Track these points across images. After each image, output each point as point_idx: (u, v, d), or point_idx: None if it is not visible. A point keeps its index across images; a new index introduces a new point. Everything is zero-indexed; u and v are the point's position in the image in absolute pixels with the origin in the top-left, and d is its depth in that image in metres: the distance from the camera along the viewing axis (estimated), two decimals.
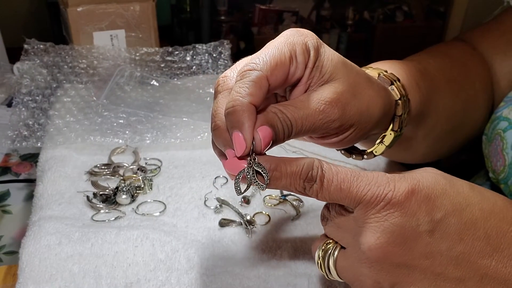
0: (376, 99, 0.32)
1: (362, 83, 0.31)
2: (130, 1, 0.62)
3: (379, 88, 0.32)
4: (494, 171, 0.45)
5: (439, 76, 0.42)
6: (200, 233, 0.38)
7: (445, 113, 0.42)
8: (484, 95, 0.48)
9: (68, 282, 0.33)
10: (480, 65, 0.48)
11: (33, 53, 0.58)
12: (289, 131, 0.28)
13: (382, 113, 0.32)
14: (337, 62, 0.30)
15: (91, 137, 0.48)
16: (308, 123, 0.28)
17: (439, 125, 0.42)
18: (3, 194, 0.50)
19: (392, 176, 0.27)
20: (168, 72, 0.62)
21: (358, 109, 0.30)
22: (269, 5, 2.01)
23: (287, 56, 0.28)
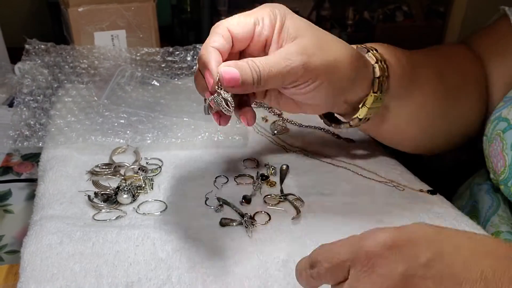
0: (344, 54, 0.36)
1: (329, 40, 0.36)
2: (131, 2, 0.62)
3: (349, 49, 0.37)
4: (495, 172, 0.45)
5: (427, 62, 0.45)
6: (200, 232, 0.39)
7: (431, 95, 0.45)
8: (477, 92, 0.50)
9: (70, 281, 0.33)
10: (475, 65, 0.50)
11: (34, 53, 0.58)
12: (257, 75, 0.33)
13: (351, 69, 0.36)
14: (303, 24, 0.35)
15: (92, 137, 0.48)
16: (275, 69, 0.33)
17: (428, 106, 0.45)
18: (5, 194, 0.50)
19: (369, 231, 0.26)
20: (169, 72, 0.62)
21: (324, 60, 0.34)
22: None
23: (252, 17, 0.35)
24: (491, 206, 0.51)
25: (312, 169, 0.48)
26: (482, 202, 0.52)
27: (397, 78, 0.41)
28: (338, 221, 0.41)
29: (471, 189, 0.56)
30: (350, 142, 0.54)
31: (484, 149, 0.47)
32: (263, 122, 0.57)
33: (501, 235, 0.47)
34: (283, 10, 0.36)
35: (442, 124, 0.49)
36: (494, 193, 0.53)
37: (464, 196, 0.57)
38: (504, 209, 0.50)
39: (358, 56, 0.37)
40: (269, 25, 0.35)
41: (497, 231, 0.48)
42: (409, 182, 0.48)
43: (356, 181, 0.47)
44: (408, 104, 0.43)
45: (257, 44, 0.36)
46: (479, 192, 0.54)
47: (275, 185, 0.45)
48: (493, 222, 0.49)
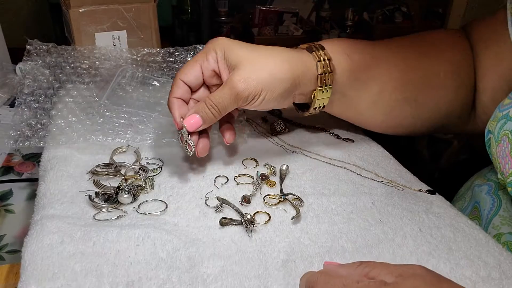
0: (278, 66, 0.43)
1: (264, 59, 0.43)
2: (131, 2, 0.63)
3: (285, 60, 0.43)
4: (503, 173, 0.45)
5: (389, 54, 0.50)
6: (201, 232, 0.39)
7: (391, 84, 0.49)
8: (457, 81, 0.51)
9: (70, 280, 0.33)
10: (462, 53, 0.52)
11: (35, 54, 0.59)
12: (216, 110, 0.42)
13: (291, 77, 0.43)
14: (241, 53, 0.42)
15: (93, 137, 0.48)
16: (225, 99, 0.41)
17: (387, 93, 0.50)
18: (6, 194, 0.50)
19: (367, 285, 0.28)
20: (169, 72, 0.62)
21: (260, 78, 0.42)
22: (269, 6, 2.01)
23: (197, 64, 0.43)
24: (492, 207, 0.51)
25: (312, 169, 0.48)
26: (483, 203, 0.52)
27: (346, 72, 0.47)
28: (337, 221, 0.41)
29: (472, 190, 0.56)
30: (350, 142, 0.54)
31: (489, 147, 0.47)
32: (263, 122, 0.57)
33: (502, 237, 0.47)
34: (222, 44, 0.43)
35: (410, 110, 0.51)
36: (495, 193, 0.53)
37: (465, 197, 0.57)
38: (506, 209, 0.50)
39: (296, 61, 0.44)
40: (213, 61, 0.43)
41: (498, 233, 0.48)
42: (409, 182, 0.48)
43: (355, 181, 0.47)
44: (364, 93, 0.49)
45: (209, 75, 0.44)
46: (480, 193, 0.54)
47: (275, 185, 0.45)
48: (495, 224, 0.49)
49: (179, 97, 0.44)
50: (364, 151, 0.53)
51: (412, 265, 0.30)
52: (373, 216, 0.42)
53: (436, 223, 0.42)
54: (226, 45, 0.43)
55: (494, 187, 0.53)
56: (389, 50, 0.50)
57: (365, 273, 0.30)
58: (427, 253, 0.38)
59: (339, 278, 0.30)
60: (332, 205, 0.43)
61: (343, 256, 0.37)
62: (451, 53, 0.52)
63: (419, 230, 0.41)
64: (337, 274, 0.31)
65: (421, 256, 0.38)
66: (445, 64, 0.51)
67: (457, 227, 0.41)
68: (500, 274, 0.36)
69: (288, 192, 0.44)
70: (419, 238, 0.40)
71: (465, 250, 0.39)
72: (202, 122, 0.42)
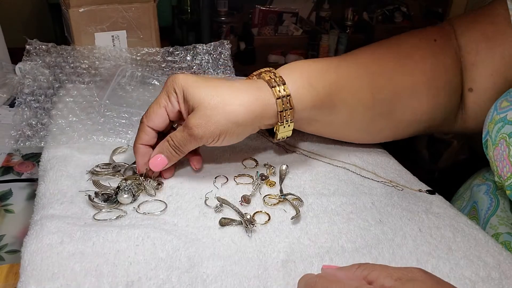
0: (238, 109, 0.41)
1: (221, 104, 0.41)
2: (131, 2, 0.63)
3: (245, 101, 0.42)
4: (500, 176, 0.45)
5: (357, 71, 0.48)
6: (200, 232, 0.39)
7: (361, 104, 0.48)
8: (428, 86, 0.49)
9: (70, 280, 0.33)
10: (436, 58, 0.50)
11: (35, 54, 0.59)
12: (177, 150, 0.43)
13: (249, 118, 0.42)
14: (198, 94, 0.41)
15: (94, 136, 0.48)
16: (186, 142, 0.42)
17: (359, 113, 0.48)
18: (6, 193, 0.50)
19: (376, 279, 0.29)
20: (169, 72, 0.62)
21: (217, 124, 0.41)
22: (269, 6, 2.01)
23: (161, 106, 0.43)
24: (490, 207, 0.51)
25: (312, 169, 0.48)
26: (481, 203, 0.52)
27: (309, 104, 0.45)
28: (337, 221, 0.41)
29: (471, 190, 0.56)
30: (349, 142, 0.54)
31: (487, 148, 0.47)
32: None
33: (500, 237, 0.47)
34: (180, 84, 0.42)
35: (385, 122, 0.50)
36: (493, 193, 0.53)
37: (464, 197, 0.57)
38: (503, 209, 0.50)
39: (256, 103, 0.42)
40: (175, 102, 0.43)
41: (496, 233, 0.48)
42: (408, 182, 0.48)
43: (355, 181, 0.47)
44: (335, 117, 0.48)
45: (175, 116, 0.44)
46: (478, 193, 0.54)
47: (275, 185, 0.45)
48: (492, 224, 0.49)
49: (145, 144, 0.44)
50: (364, 151, 0.53)
51: (412, 268, 0.30)
52: (372, 216, 0.42)
53: (435, 223, 0.42)
54: (185, 85, 0.42)
55: (492, 187, 0.53)
56: (355, 69, 0.48)
57: (363, 276, 0.30)
58: (427, 253, 0.38)
59: (338, 282, 0.30)
60: (332, 205, 0.43)
61: (343, 256, 0.37)
62: (423, 63, 0.50)
63: (418, 230, 0.41)
64: (336, 278, 0.30)
65: (421, 256, 0.38)
66: (418, 75, 0.49)
67: (457, 227, 0.41)
68: (499, 274, 0.36)
69: (288, 192, 0.44)
70: (418, 238, 0.40)
71: (464, 250, 0.39)
72: (167, 161, 0.43)
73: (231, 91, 0.42)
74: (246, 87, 0.43)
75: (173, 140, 0.42)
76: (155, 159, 0.43)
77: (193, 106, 0.41)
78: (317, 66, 0.47)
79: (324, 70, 0.46)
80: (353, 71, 0.48)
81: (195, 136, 0.41)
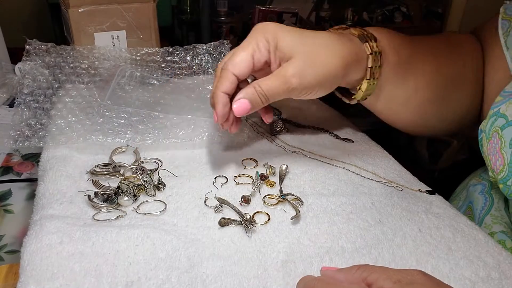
0: (335, 63, 0.41)
1: (321, 54, 0.41)
2: (131, 2, 0.62)
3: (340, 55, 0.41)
4: (493, 171, 0.45)
5: (425, 51, 0.49)
6: (200, 232, 0.39)
7: (425, 81, 0.49)
8: (475, 82, 0.52)
9: (69, 280, 0.33)
10: (476, 55, 0.53)
11: (34, 54, 0.59)
12: (264, 97, 0.40)
13: (343, 70, 0.42)
14: (295, 43, 0.40)
15: (93, 137, 0.48)
16: (277, 91, 0.40)
17: (420, 92, 0.49)
18: (5, 194, 0.50)
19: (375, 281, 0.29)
20: (168, 72, 0.62)
21: (314, 76, 0.40)
22: (269, 6, 2.01)
23: (249, 54, 0.41)
24: (484, 207, 0.51)
25: (311, 169, 0.48)
26: (476, 202, 0.52)
27: (391, 66, 0.46)
28: (337, 221, 0.41)
29: (467, 190, 0.56)
30: (349, 142, 0.54)
31: (481, 145, 0.47)
32: (263, 122, 0.57)
33: (494, 236, 0.47)
34: (273, 32, 0.41)
35: (436, 110, 0.51)
36: (488, 192, 0.53)
37: (461, 196, 0.57)
38: (497, 208, 0.50)
39: (350, 55, 0.42)
40: (265, 51, 0.41)
41: (490, 232, 0.48)
42: (408, 182, 0.48)
43: (355, 181, 0.47)
44: (401, 89, 0.48)
45: (259, 66, 0.42)
46: (474, 193, 0.54)
47: (275, 185, 0.45)
48: (487, 223, 0.50)
49: (226, 92, 0.41)
50: (364, 151, 0.53)
51: (411, 271, 0.29)
52: (372, 217, 0.42)
53: (435, 224, 0.42)
54: (278, 33, 0.40)
55: (487, 186, 0.53)
56: (424, 46, 0.50)
57: (363, 278, 0.30)
58: (427, 254, 0.38)
59: (337, 285, 0.30)
60: (332, 205, 0.43)
61: (343, 257, 0.37)
62: (472, 56, 0.52)
63: (418, 230, 0.41)
64: (335, 280, 0.30)
65: (421, 256, 0.38)
66: (469, 66, 0.51)
67: (457, 227, 0.41)
68: (499, 274, 0.36)
69: (288, 192, 0.44)
70: (418, 239, 0.40)
71: (464, 250, 0.39)
72: (250, 107, 0.40)
73: (325, 40, 0.42)
74: (339, 38, 0.42)
75: (261, 87, 0.40)
76: (239, 103, 0.40)
77: (289, 55, 0.40)
78: (398, 35, 0.48)
79: (403, 41, 0.48)
80: (421, 48, 0.49)
81: (290, 86, 0.40)
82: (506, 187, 0.43)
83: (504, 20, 0.51)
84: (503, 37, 0.51)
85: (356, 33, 0.44)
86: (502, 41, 0.50)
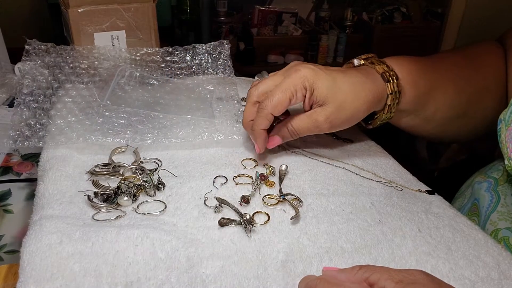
0: (360, 107, 0.46)
1: (347, 101, 0.45)
2: (130, 2, 0.62)
3: (366, 100, 0.46)
4: (510, 158, 0.45)
5: (445, 77, 0.52)
6: (200, 232, 0.39)
7: (446, 104, 0.52)
8: (500, 90, 0.53)
9: (69, 280, 0.33)
10: (501, 63, 0.54)
11: (34, 54, 0.59)
12: (295, 135, 0.47)
13: (367, 111, 0.47)
14: (328, 91, 0.45)
15: (92, 137, 0.48)
16: (308, 131, 0.46)
17: (440, 113, 0.52)
18: (5, 194, 0.50)
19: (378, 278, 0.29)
20: (168, 72, 0.62)
21: (344, 119, 0.46)
22: (269, 6, 2.01)
23: (287, 97, 0.44)
24: (491, 204, 0.51)
25: (311, 169, 0.48)
26: (482, 200, 0.52)
27: (410, 100, 0.49)
28: (336, 222, 0.41)
29: (472, 188, 0.56)
30: (349, 143, 0.54)
31: (499, 135, 0.48)
32: None
33: (499, 233, 0.47)
34: (312, 81, 0.45)
35: (458, 124, 0.54)
36: (494, 190, 0.53)
37: (466, 194, 0.57)
38: (504, 204, 0.50)
39: (374, 98, 0.47)
40: (301, 96, 0.45)
41: (495, 229, 0.48)
42: (408, 183, 0.48)
43: (354, 182, 0.47)
44: (420, 113, 0.51)
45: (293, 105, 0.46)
46: (480, 190, 0.54)
47: (274, 185, 0.45)
48: (492, 220, 0.50)
49: (265, 129, 0.46)
50: (363, 151, 0.53)
51: (413, 271, 0.29)
52: (372, 217, 0.42)
53: (435, 223, 0.42)
54: (317, 83, 0.45)
55: (493, 183, 0.53)
56: (445, 69, 0.52)
57: (364, 278, 0.30)
58: (426, 254, 0.38)
59: (339, 285, 0.30)
60: (331, 206, 0.43)
61: (342, 257, 0.37)
62: (496, 66, 0.54)
63: (418, 230, 0.41)
64: (337, 280, 0.30)
65: (420, 256, 0.38)
66: (492, 77, 0.53)
67: (456, 227, 0.41)
68: (499, 274, 0.36)
69: (287, 192, 0.44)
70: (418, 239, 0.40)
71: (464, 250, 0.39)
72: (281, 142, 0.48)
73: (355, 88, 0.46)
74: (364, 81, 0.47)
75: (293, 127, 0.46)
76: (274, 140, 0.47)
77: (323, 102, 0.45)
78: (419, 65, 0.51)
79: (424, 69, 0.51)
80: (442, 72, 0.52)
81: (320, 128, 0.46)
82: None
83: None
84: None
85: (380, 71, 0.48)
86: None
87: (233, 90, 0.59)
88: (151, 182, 0.43)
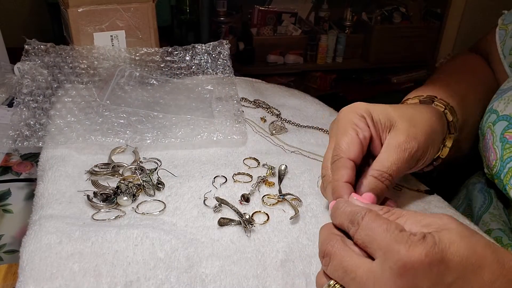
0: (427, 117, 0.40)
1: (411, 114, 0.40)
2: (130, 2, 0.62)
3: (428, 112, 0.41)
4: (488, 166, 0.45)
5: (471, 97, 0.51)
6: (199, 232, 0.39)
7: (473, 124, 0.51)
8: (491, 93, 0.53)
9: (69, 280, 0.33)
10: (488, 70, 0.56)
11: (33, 54, 0.59)
12: (389, 179, 0.37)
13: (438, 123, 0.41)
14: (386, 110, 0.39)
15: (92, 137, 0.48)
16: (399, 165, 0.37)
17: (471, 132, 0.51)
18: (4, 193, 0.50)
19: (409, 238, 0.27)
20: (167, 72, 0.62)
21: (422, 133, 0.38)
22: (268, 6, 2.01)
23: (353, 134, 0.38)
24: (483, 205, 0.52)
25: (310, 169, 0.48)
26: (475, 200, 0.53)
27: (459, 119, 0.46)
28: None
29: (466, 188, 0.57)
30: None
31: (479, 144, 0.48)
32: (262, 122, 0.57)
33: (492, 233, 0.48)
34: (362, 107, 0.39)
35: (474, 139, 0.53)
36: (487, 191, 0.53)
37: (461, 195, 0.58)
38: (496, 206, 0.51)
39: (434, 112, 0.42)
40: (365, 126, 0.38)
41: (488, 229, 0.48)
42: (407, 182, 0.48)
43: None
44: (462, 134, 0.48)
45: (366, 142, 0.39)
46: (473, 191, 0.54)
47: (274, 185, 0.45)
48: (485, 221, 0.50)
49: (349, 181, 0.36)
50: None
51: (440, 216, 0.28)
52: None
53: None
54: (368, 107, 0.39)
55: (486, 184, 0.53)
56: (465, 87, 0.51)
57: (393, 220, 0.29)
58: None
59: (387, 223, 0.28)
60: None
61: None
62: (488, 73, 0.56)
63: None
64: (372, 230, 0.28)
65: None
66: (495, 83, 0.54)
67: None
68: None
69: (287, 192, 0.44)
70: None
71: None
72: (376, 200, 0.36)
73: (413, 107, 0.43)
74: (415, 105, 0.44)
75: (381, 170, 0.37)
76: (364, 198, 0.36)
77: (390, 123, 0.39)
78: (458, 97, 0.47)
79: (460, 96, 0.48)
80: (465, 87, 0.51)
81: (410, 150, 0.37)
82: (500, 181, 0.43)
83: (501, 30, 0.53)
84: (500, 46, 0.52)
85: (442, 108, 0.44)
86: (500, 50, 0.51)
87: (233, 90, 0.59)
88: (151, 182, 0.43)
